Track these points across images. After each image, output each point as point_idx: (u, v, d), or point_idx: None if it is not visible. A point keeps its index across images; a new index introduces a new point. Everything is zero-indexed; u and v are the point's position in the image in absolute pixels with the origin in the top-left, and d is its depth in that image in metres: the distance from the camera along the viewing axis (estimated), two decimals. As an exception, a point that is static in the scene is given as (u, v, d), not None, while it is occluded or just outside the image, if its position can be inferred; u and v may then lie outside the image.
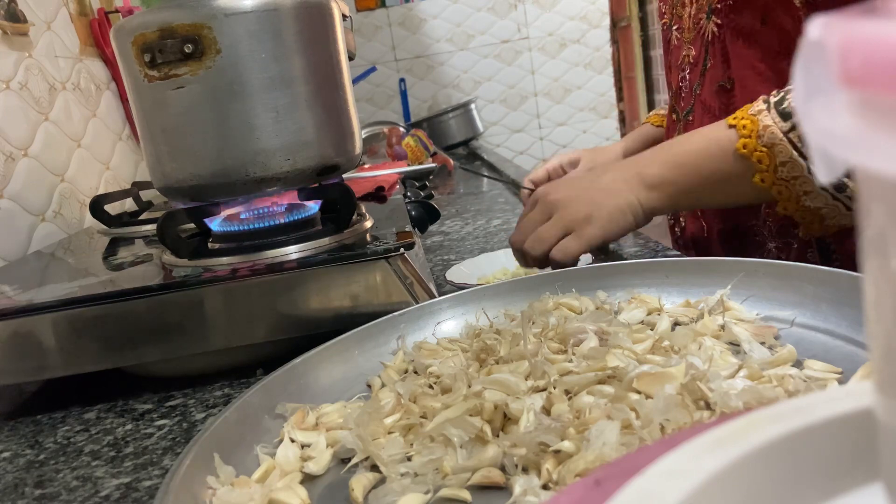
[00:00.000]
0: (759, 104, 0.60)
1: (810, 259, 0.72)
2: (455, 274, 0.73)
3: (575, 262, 0.63)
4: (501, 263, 0.76)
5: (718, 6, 0.72)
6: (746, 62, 0.71)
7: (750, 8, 0.69)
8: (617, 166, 0.67)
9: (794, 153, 0.57)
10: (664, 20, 0.86)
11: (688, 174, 0.63)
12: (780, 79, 0.69)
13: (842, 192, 0.58)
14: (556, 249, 0.63)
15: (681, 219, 0.89)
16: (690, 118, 0.81)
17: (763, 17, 0.68)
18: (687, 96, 0.82)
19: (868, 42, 0.12)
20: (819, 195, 0.59)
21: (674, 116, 0.87)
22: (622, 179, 0.64)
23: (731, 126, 0.61)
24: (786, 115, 0.57)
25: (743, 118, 0.60)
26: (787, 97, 0.59)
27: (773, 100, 0.59)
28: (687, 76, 0.81)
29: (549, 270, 0.62)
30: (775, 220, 0.73)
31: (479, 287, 0.55)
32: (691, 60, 0.80)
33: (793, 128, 0.57)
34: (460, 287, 0.66)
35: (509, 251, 0.73)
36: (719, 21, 0.73)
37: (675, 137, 0.70)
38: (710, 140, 0.62)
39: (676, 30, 0.82)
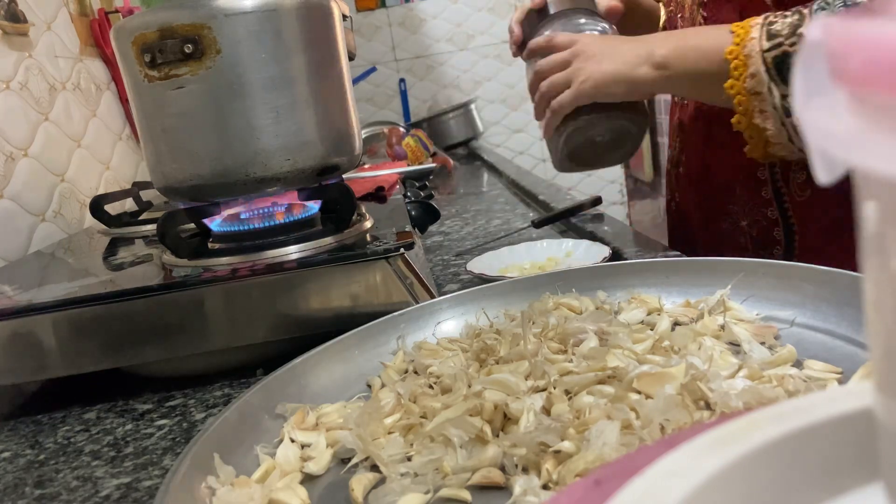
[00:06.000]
0: (759, 18, 0.63)
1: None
2: (477, 265, 0.71)
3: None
4: (522, 258, 0.73)
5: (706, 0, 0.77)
6: None
7: (730, 3, 0.73)
8: (632, 39, 0.72)
9: (762, 69, 0.60)
10: (670, 8, 0.88)
11: (688, 65, 0.67)
12: None
13: (788, 117, 0.61)
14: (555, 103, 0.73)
15: (676, 195, 0.93)
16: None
17: (740, 12, 0.71)
18: None
19: (868, 42, 0.12)
20: (770, 117, 0.62)
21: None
22: (635, 53, 0.70)
23: (731, 31, 0.64)
24: (771, 36, 0.60)
25: (742, 26, 0.63)
26: (781, 20, 0.61)
27: (771, 18, 0.62)
28: None
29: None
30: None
31: (479, 287, 0.55)
32: None
33: (771, 48, 0.60)
34: (480, 277, 0.65)
35: (531, 244, 0.72)
36: (706, 14, 0.77)
37: (694, 28, 0.77)
38: (713, 39, 0.66)
39: (680, 18, 0.86)
